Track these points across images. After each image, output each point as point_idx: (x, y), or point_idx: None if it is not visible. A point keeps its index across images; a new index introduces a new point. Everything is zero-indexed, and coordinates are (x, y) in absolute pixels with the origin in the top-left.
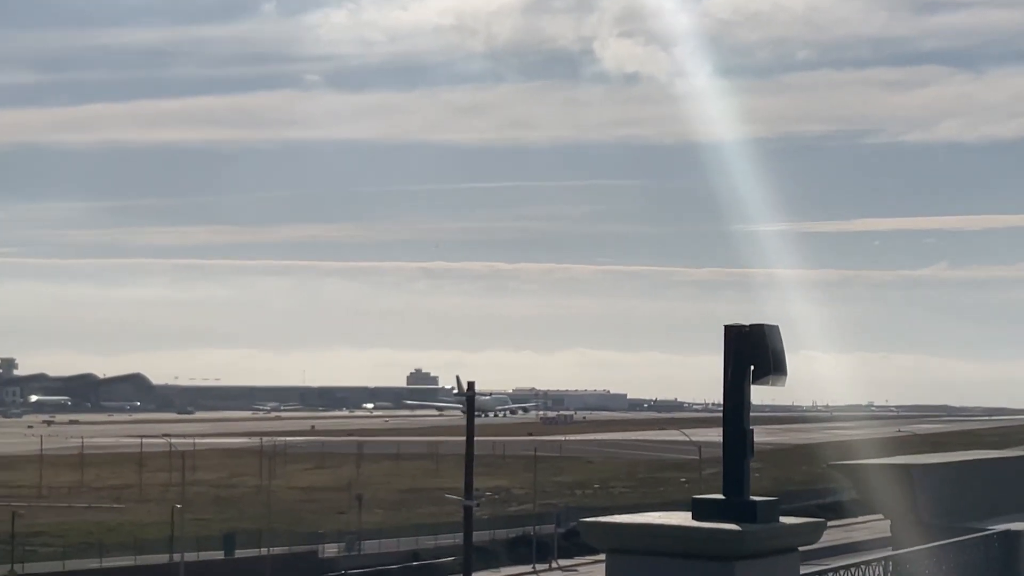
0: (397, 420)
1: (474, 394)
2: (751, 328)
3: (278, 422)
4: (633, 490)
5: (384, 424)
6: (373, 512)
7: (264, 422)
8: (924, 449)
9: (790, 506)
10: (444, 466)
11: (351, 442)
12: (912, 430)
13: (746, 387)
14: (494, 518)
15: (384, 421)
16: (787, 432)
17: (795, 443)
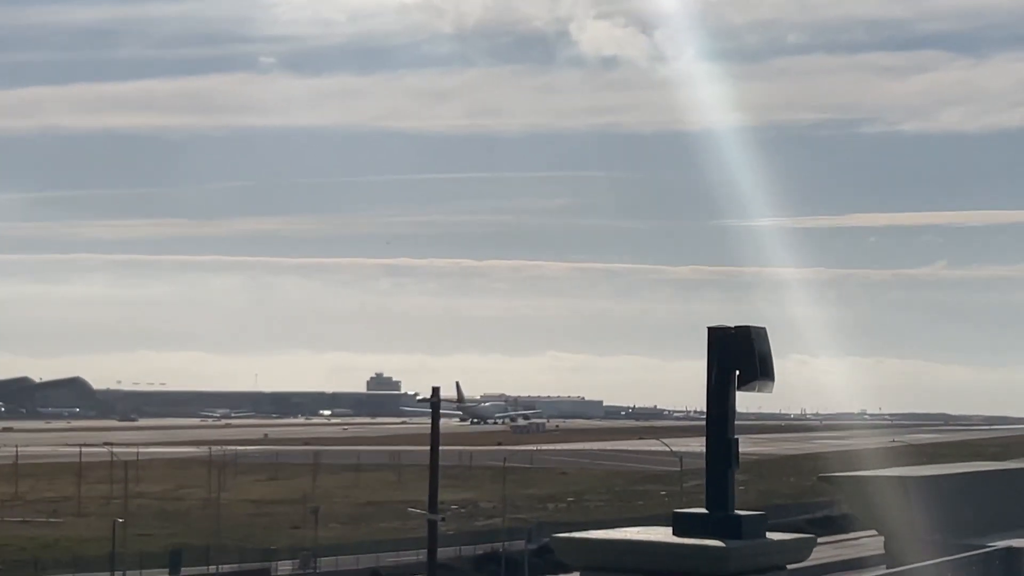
0: (356, 428)
1: (439, 400)
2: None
3: (228, 430)
4: (609, 504)
5: (342, 432)
6: (330, 527)
7: (213, 430)
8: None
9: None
10: (407, 477)
11: (307, 451)
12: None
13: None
14: (460, 533)
15: (342, 429)
16: (774, 442)
17: (783, 454)
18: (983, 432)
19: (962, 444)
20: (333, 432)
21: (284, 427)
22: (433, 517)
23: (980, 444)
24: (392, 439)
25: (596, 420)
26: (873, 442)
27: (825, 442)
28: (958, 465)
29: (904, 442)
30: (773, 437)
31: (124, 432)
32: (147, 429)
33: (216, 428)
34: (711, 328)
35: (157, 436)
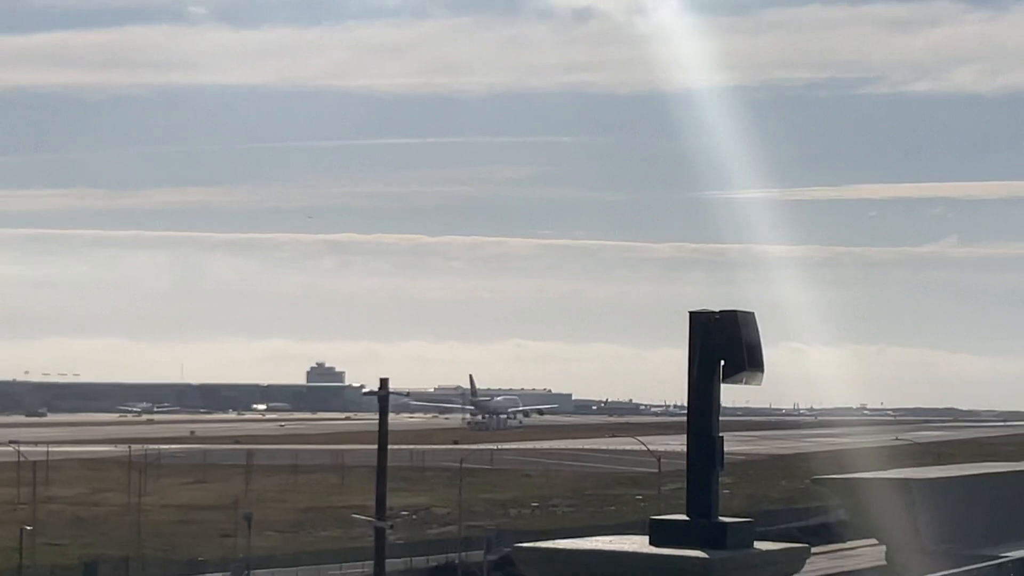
0: (295, 424)
1: (388, 393)
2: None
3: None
4: (579, 509)
5: (279, 429)
6: (265, 535)
7: (134, 426)
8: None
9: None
10: (351, 480)
11: (239, 451)
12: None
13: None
14: (411, 543)
15: (279, 426)
16: (764, 440)
17: (773, 453)
18: (996, 429)
19: (973, 442)
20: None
21: (213, 423)
22: (381, 524)
23: (993, 442)
24: (335, 437)
25: (564, 415)
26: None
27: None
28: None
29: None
30: (762, 435)
31: (32, 429)
32: (58, 426)
33: (136, 424)
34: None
35: (70, 433)
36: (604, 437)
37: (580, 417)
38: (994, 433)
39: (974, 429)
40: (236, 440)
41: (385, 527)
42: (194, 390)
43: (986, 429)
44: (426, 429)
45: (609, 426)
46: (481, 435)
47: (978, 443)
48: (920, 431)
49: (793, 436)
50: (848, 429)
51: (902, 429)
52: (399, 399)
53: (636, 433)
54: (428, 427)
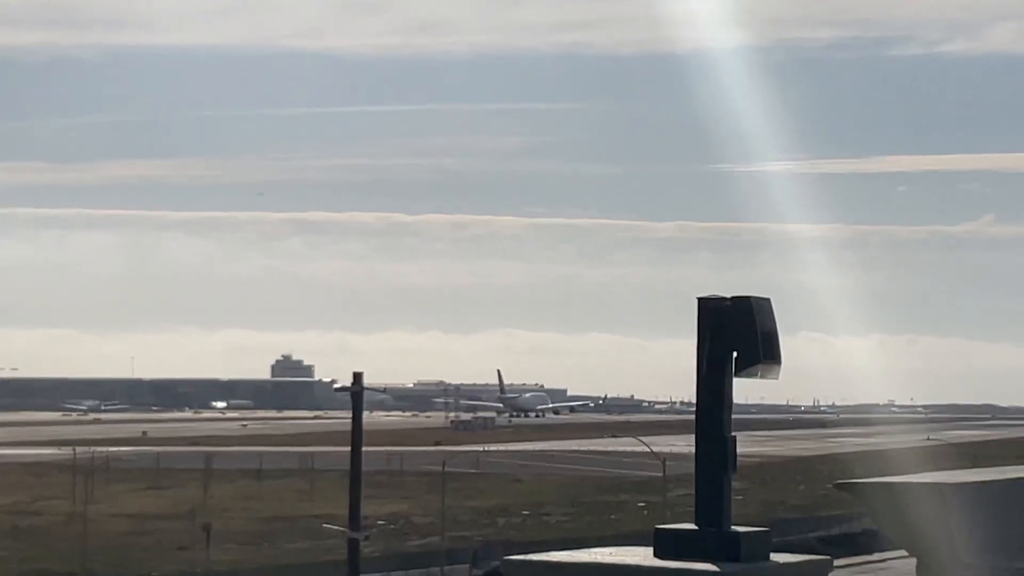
0: (258, 424)
1: (362, 389)
2: (733, 302)
3: (98, 426)
4: (575, 518)
5: (241, 429)
6: (226, 548)
7: (79, 426)
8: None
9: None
10: (322, 486)
11: (196, 453)
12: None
13: (726, 381)
14: (389, 556)
15: (241, 425)
16: (781, 440)
17: (791, 455)
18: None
19: (1014, 442)
20: (229, 429)
21: (168, 423)
22: (355, 535)
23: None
24: (303, 437)
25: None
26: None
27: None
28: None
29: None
30: (779, 434)
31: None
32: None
33: (82, 424)
34: (702, 299)
35: (7, 434)
36: (603, 437)
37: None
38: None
39: (1015, 428)
40: (193, 441)
41: (359, 538)
42: (146, 386)
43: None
44: (404, 429)
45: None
46: (466, 436)
47: (1020, 443)
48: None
49: (814, 436)
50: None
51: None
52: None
53: (639, 433)
54: (407, 427)
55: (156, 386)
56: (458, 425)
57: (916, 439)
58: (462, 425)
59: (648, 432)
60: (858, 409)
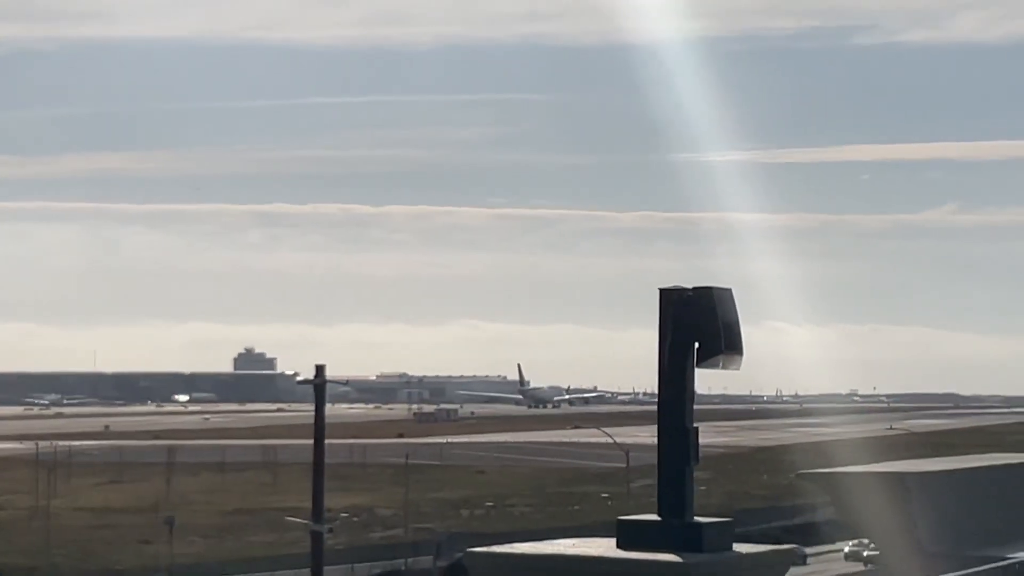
0: (221, 417)
1: (325, 381)
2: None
3: (60, 420)
4: (538, 509)
5: (203, 423)
6: (189, 541)
7: (41, 420)
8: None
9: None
10: (285, 478)
11: (159, 447)
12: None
13: (688, 371)
14: (353, 548)
15: (203, 419)
16: (743, 431)
17: (754, 445)
18: (1002, 416)
19: (976, 431)
20: (192, 422)
21: (130, 416)
22: (318, 528)
23: (998, 431)
24: (266, 430)
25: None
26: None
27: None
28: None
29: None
30: (742, 425)
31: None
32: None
33: (45, 418)
34: (664, 290)
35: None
36: (566, 429)
37: None
38: (999, 421)
39: (977, 416)
40: (156, 435)
41: (323, 531)
42: (108, 380)
43: (990, 416)
44: (368, 421)
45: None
46: (429, 428)
47: (982, 432)
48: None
49: (776, 426)
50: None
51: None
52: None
53: (602, 424)
54: (370, 419)
55: (118, 380)
56: (421, 417)
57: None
58: (425, 417)
59: (611, 423)
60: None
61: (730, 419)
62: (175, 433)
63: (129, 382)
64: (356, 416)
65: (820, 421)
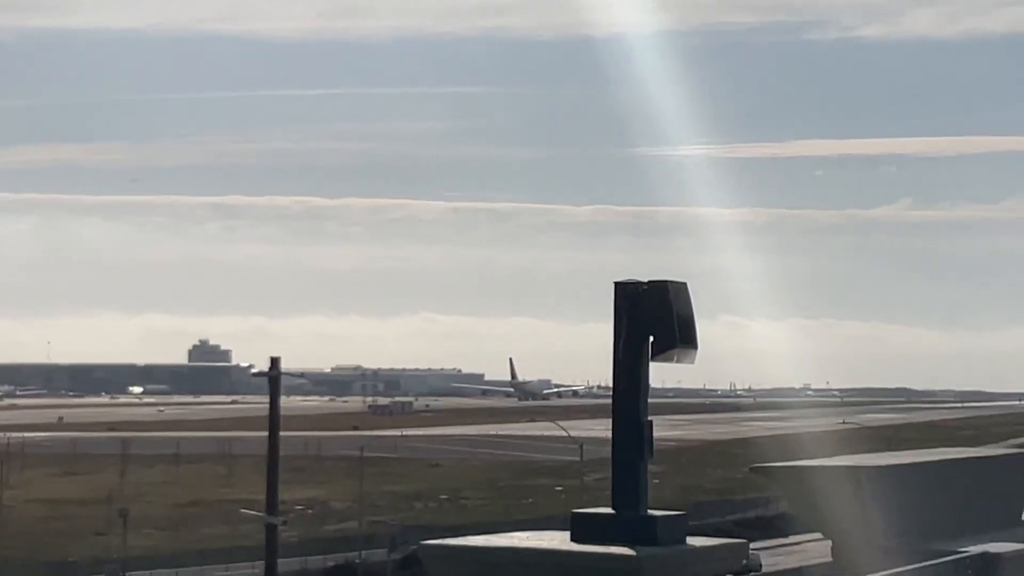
0: (175, 409)
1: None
2: (650, 286)
3: (13, 412)
4: (492, 502)
5: (158, 415)
6: (143, 533)
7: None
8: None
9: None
10: (239, 471)
11: (113, 439)
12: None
13: (643, 365)
14: (307, 541)
15: (158, 410)
16: (697, 425)
17: (708, 439)
18: (954, 411)
19: (928, 426)
20: (146, 414)
21: (84, 408)
22: (272, 520)
23: (950, 426)
24: (220, 423)
25: (476, 398)
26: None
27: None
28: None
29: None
30: (696, 419)
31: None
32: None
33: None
34: (619, 283)
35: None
36: (520, 422)
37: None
38: (951, 415)
39: (930, 411)
40: (110, 427)
41: (277, 523)
42: (62, 371)
43: (943, 411)
44: (322, 414)
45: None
46: (384, 420)
47: (934, 426)
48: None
49: (730, 420)
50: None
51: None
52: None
53: (556, 417)
54: (325, 412)
55: (72, 371)
56: (376, 410)
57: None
58: (380, 410)
59: (565, 416)
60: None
61: (684, 413)
62: (129, 425)
63: (84, 373)
64: (311, 408)
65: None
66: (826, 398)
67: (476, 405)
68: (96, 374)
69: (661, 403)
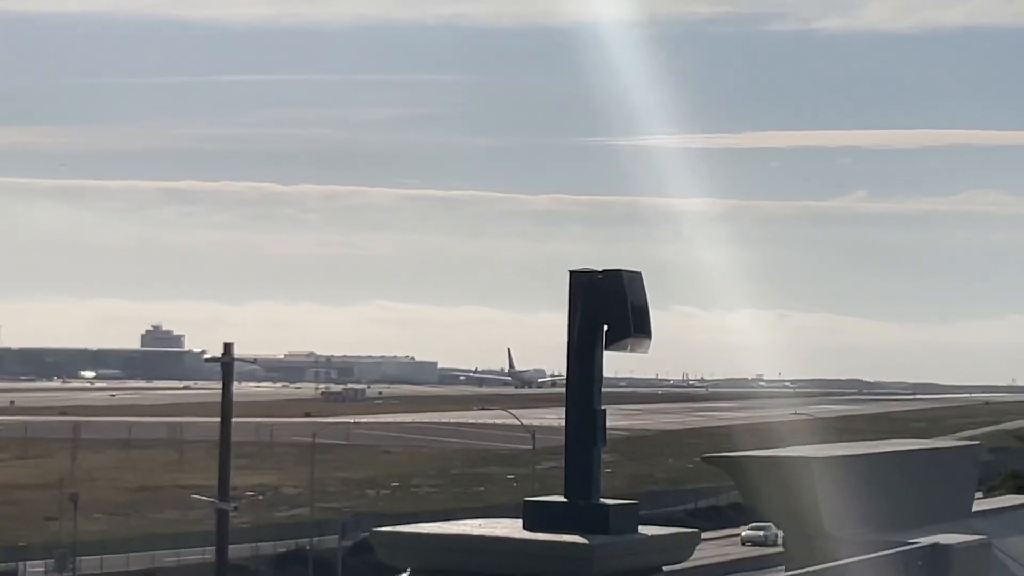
0: (127, 394)
1: (232, 360)
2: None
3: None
4: (444, 490)
5: (110, 399)
6: (94, 518)
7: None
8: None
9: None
10: (191, 456)
11: (64, 423)
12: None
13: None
14: (258, 527)
15: (110, 395)
16: (650, 414)
17: (660, 428)
18: (906, 403)
19: (881, 417)
20: (98, 399)
21: (35, 392)
22: (223, 506)
23: (902, 417)
24: (173, 408)
25: (429, 386)
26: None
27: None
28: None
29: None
30: (648, 408)
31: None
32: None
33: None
34: (573, 272)
35: None
36: (473, 410)
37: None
38: (903, 407)
39: (881, 403)
40: (62, 411)
41: (228, 509)
42: (13, 355)
43: (895, 403)
44: (275, 400)
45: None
46: (337, 407)
47: (886, 418)
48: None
49: (682, 410)
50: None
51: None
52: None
53: (509, 406)
54: (277, 398)
55: (24, 355)
56: (328, 396)
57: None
58: (332, 396)
59: (518, 405)
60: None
61: (637, 402)
62: (81, 409)
63: (35, 357)
64: (263, 395)
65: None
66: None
67: (429, 393)
68: (48, 358)
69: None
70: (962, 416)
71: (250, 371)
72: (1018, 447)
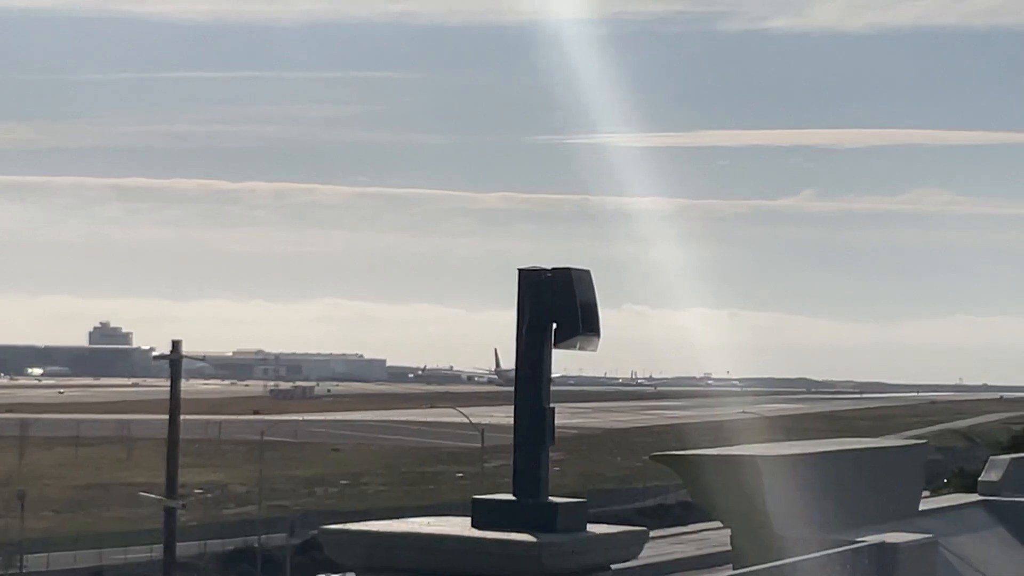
0: (75, 391)
1: (181, 357)
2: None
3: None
4: (393, 488)
5: (57, 396)
6: (41, 516)
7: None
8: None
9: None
10: (139, 454)
11: (10, 420)
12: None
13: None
14: (206, 524)
15: (57, 392)
16: (598, 412)
17: (608, 427)
18: (853, 402)
19: (828, 416)
20: (45, 396)
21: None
22: (171, 504)
23: (850, 416)
24: (120, 405)
25: (378, 383)
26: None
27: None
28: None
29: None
30: (597, 406)
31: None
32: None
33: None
34: (523, 271)
35: None
36: (421, 408)
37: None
38: (851, 406)
39: (829, 401)
40: (8, 408)
41: (176, 506)
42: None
43: (842, 402)
44: (223, 398)
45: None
46: (285, 405)
47: (833, 417)
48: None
49: (631, 408)
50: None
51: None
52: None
53: (458, 404)
54: (225, 395)
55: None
56: (277, 394)
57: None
58: (281, 394)
59: (467, 403)
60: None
61: (585, 400)
62: (28, 406)
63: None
64: (212, 392)
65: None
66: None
67: (379, 391)
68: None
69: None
70: (909, 415)
71: (199, 368)
72: (964, 446)
